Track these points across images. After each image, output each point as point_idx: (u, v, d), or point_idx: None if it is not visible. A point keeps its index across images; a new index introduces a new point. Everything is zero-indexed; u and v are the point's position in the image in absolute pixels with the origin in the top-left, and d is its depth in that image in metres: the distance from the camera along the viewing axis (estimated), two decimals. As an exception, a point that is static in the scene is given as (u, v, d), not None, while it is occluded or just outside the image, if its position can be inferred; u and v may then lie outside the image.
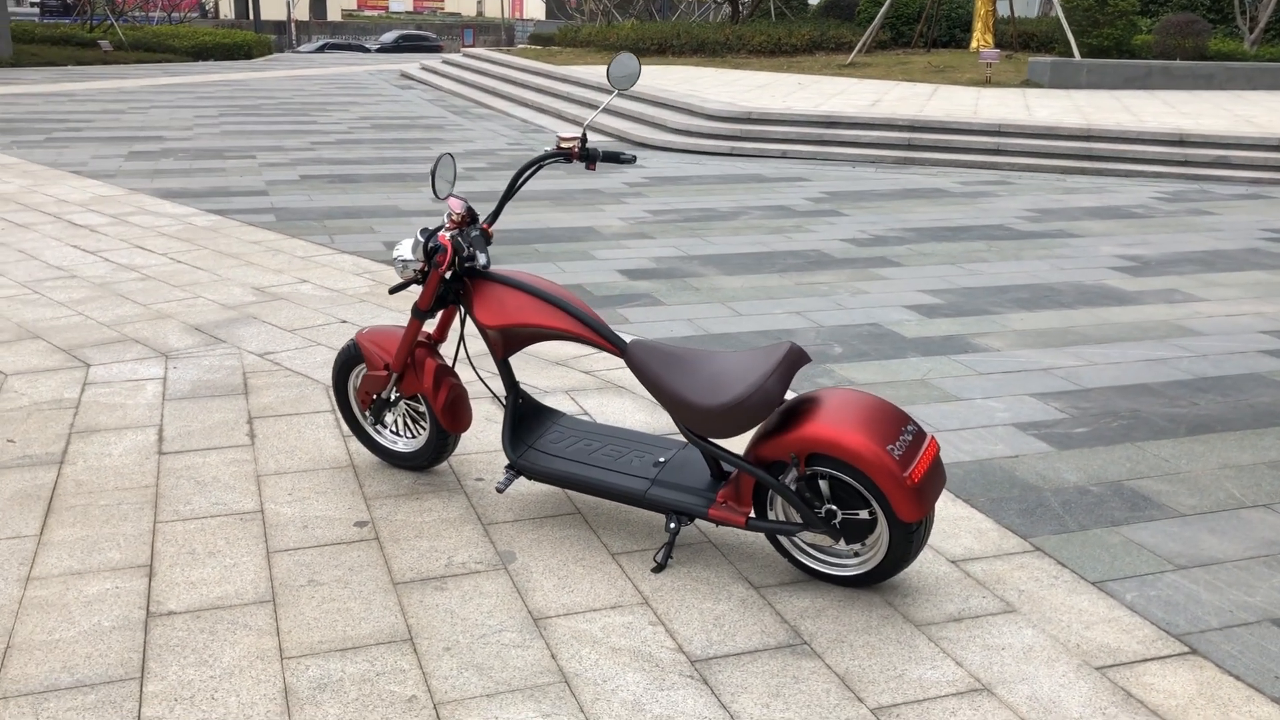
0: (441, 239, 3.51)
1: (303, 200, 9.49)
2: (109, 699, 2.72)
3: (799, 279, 7.14)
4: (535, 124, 15.94)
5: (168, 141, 13.18)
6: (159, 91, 20.18)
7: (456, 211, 3.53)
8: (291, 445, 4.29)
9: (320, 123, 15.62)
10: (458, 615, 3.14)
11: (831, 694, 2.82)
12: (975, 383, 5.20)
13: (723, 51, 23.46)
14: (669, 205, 9.69)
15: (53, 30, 30.16)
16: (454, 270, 3.60)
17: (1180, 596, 3.34)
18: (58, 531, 3.56)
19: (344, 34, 59.86)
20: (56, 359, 5.22)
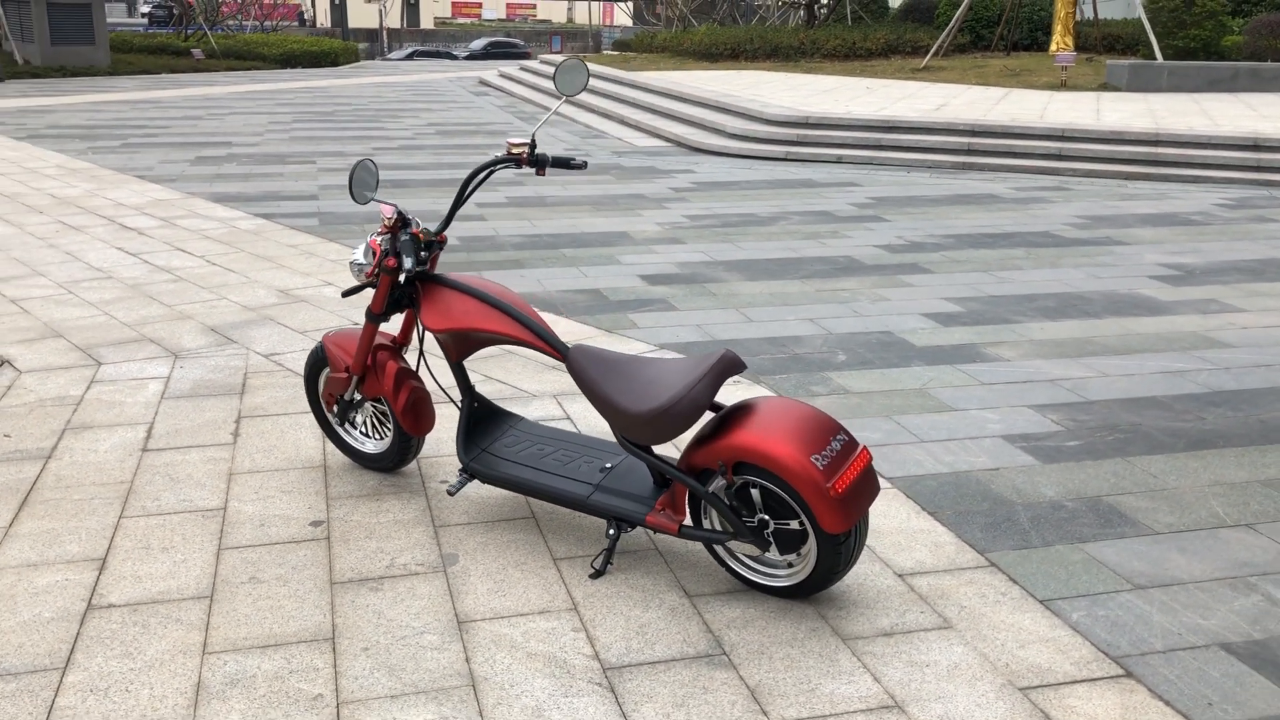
0: (372, 243, 3.56)
1: (349, 206, 9.68)
2: (27, 688, 2.81)
3: (821, 285, 7.06)
4: (597, 129, 16.03)
5: (235, 147, 13.55)
6: (240, 98, 20.76)
7: (386, 216, 3.57)
8: (271, 445, 4.38)
9: (388, 129, 15.91)
10: (385, 616, 3.17)
11: (738, 705, 2.79)
12: (975, 393, 5.09)
13: (796, 56, 23.31)
14: (709, 210, 9.66)
15: (150, 40, 31.23)
16: (405, 275, 3.64)
17: (1130, 617, 3.23)
18: (26, 524, 3.69)
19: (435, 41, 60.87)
20: (71, 357, 5.40)
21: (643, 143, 14.56)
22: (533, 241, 8.26)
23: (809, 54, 23.30)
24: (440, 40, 61.35)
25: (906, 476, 4.18)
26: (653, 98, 17.46)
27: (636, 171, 11.99)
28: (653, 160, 12.89)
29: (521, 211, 9.48)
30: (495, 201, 9.97)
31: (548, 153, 3.79)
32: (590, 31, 64.69)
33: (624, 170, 12.06)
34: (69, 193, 10.08)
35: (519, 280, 7.05)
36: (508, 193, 10.46)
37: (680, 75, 20.06)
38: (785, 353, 5.65)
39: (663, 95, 17.57)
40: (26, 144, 13.53)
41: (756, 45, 23.59)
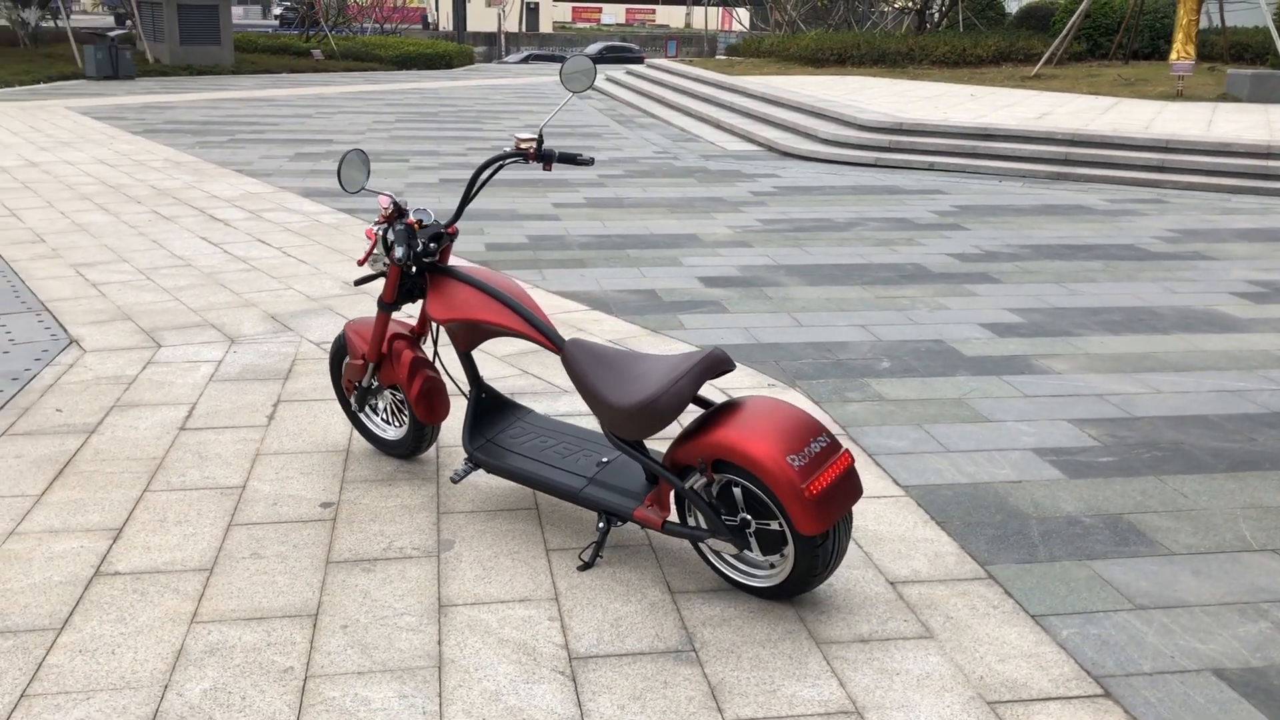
0: (368, 233, 3.65)
1: (430, 202, 9.89)
2: (23, 645, 2.96)
3: (882, 292, 6.97)
4: (692, 133, 16.06)
5: (335, 145, 13.95)
6: (350, 98, 21.35)
7: (383, 206, 3.65)
8: (302, 429, 4.51)
9: (486, 130, 16.19)
10: (371, 596, 3.25)
11: (694, 702, 2.79)
12: (1014, 405, 4.98)
13: (903, 63, 22.98)
14: (785, 215, 9.61)
15: (274, 40, 32.32)
16: (416, 265, 3.72)
17: (1123, 637, 3.13)
18: (57, 492, 3.88)
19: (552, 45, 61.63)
20: (135, 339, 5.65)
21: (734, 146, 14.53)
22: (600, 241, 8.33)
23: (917, 60, 22.94)
24: (557, 44, 62.09)
25: (922, 485, 4.11)
26: (749, 102, 17.42)
27: (720, 175, 11.98)
28: (740, 164, 12.86)
29: (596, 212, 9.56)
30: (573, 202, 10.07)
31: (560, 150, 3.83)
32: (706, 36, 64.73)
33: (708, 174, 12.06)
34: (169, 184, 10.51)
35: (578, 279, 7.13)
36: (587, 194, 10.56)
37: (781, 80, 19.97)
38: (828, 358, 5.60)
39: (759, 99, 17.52)
40: (142, 138, 14.14)
41: (864, 51, 23.32)
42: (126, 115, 16.99)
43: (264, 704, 2.74)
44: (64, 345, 5.53)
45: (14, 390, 4.87)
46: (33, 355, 5.36)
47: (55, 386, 4.94)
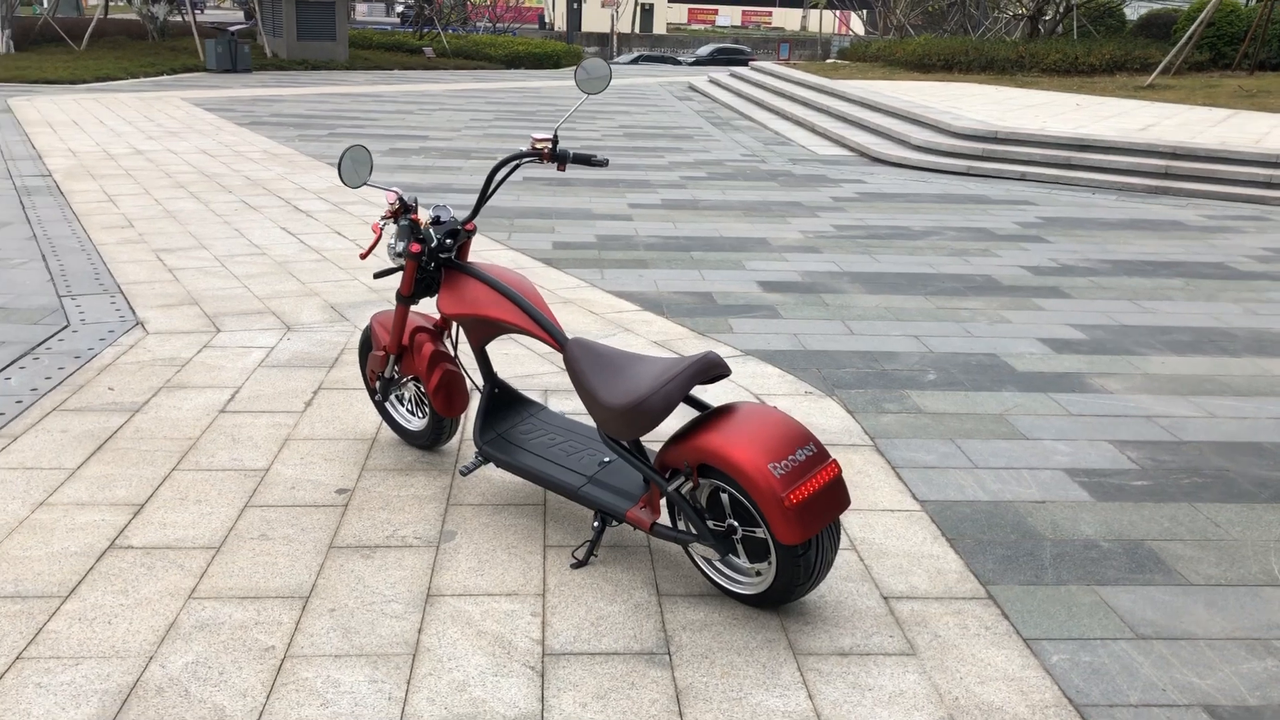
0: (374, 227, 3.72)
1: (509, 200, 10.03)
2: (28, 610, 3.11)
3: (944, 303, 6.85)
4: (786, 136, 15.96)
5: (429, 141, 14.23)
6: (454, 95, 21.75)
7: (389, 201, 3.73)
8: (336, 416, 4.63)
9: (580, 129, 16.33)
10: (364, 583, 3.33)
11: (656, 704, 2.80)
12: (1057, 423, 4.85)
13: (1012, 70, 22.48)
14: (860, 221, 9.50)
15: (389, 37, 33.08)
16: (432, 260, 3.79)
17: (1116, 667, 3.04)
18: (92, 467, 4.05)
19: (664, 46, 61.81)
20: (197, 324, 5.86)
21: (825, 151, 14.40)
22: (667, 243, 8.35)
23: (1026, 68, 22.41)
24: (669, 46, 62.24)
25: (940, 501, 4.04)
26: (846, 106, 17.24)
27: (804, 179, 11.89)
28: (827, 169, 12.74)
29: (670, 214, 9.58)
30: (649, 203, 10.11)
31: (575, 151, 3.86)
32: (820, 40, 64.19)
33: (792, 178, 11.98)
34: (262, 175, 10.85)
35: (636, 279, 7.16)
36: (665, 195, 10.59)
37: (883, 85, 19.71)
38: (873, 368, 5.53)
39: (856, 104, 17.33)
40: (246, 129, 14.62)
41: (971, 57, 22.88)
42: (236, 107, 17.58)
43: (239, 680, 2.83)
44: (130, 326, 5.76)
45: (74, 368, 5.09)
46: (98, 335, 5.60)
47: (113, 366, 5.15)
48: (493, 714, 2.73)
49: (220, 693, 2.77)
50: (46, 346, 5.40)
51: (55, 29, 27.04)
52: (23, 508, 3.72)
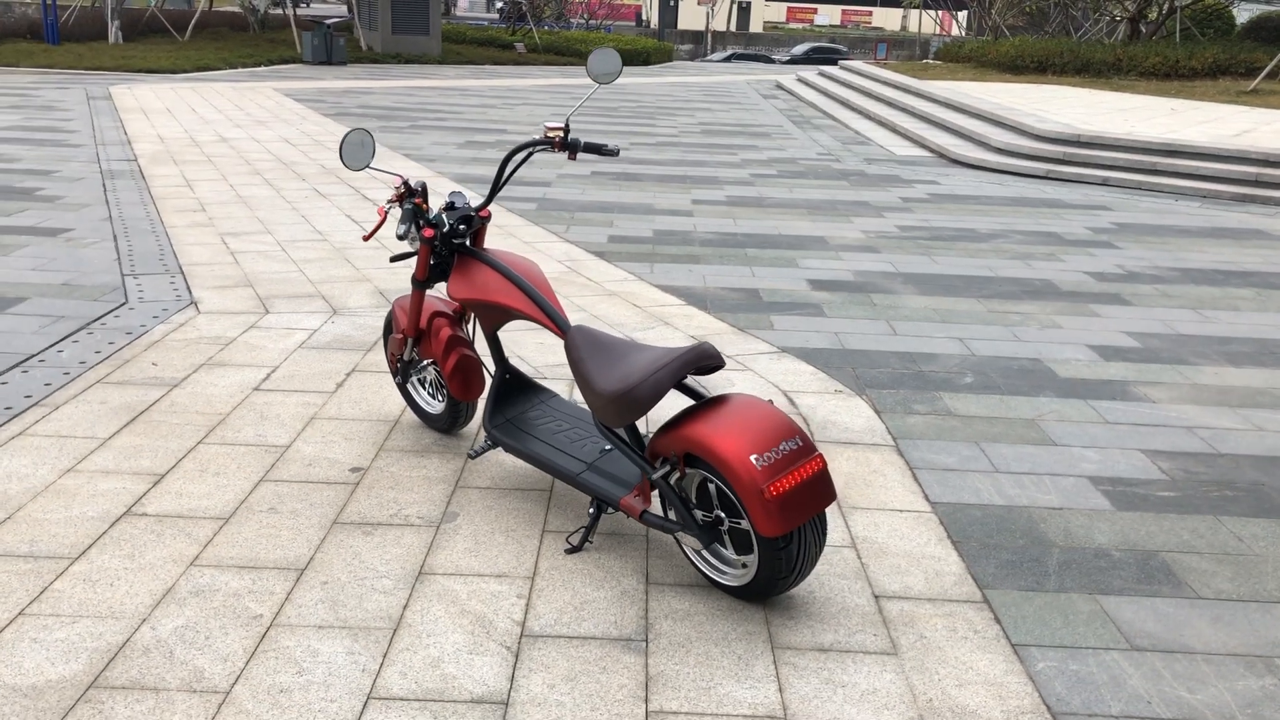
0: (379, 210, 3.78)
1: (574, 194, 10.10)
2: (37, 569, 3.24)
3: (997, 306, 6.73)
4: (866, 136, 15.80)
5: (506, 134, 14.39)
6: (539, 90, 21.95)
7: (395, 186, 3.79)
8: (364, 397, 4.73)
9: (657, 125, 16.36)
10: (360, 558, 3.40)
11: (625, 689, 2.81)
12: (1091, 430, 4.74)
13: (1108, 73, 21.91)
14: (925, 223, 9.37)
15: (482, 33, 33.53)
16: (447, 245, 3.85)
17: (1103, 677, 2.97)
18: (122, 438, 4.20)
19: (759, 45, 61.54)
20: (248, 305, 6.03)
21: (903, 151, 14.22)
22: (723, 239, 8.33)
23: (1124, 71, 21.82)
24: (764, 44, 61.95)
25: (953, 503, 3.98)
26: (929, 106, 17.00)
27: (877, 179, 11.76)
28: (902, 170, 12.58)
29: (732, 210, 9.56)
30: (713, 199, 10.10)
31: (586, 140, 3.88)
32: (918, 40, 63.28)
33: (865, 178, 11.86)
34: (336, 164, 11.09)
35: (685, 274, 7.16)
36: (731, 192, 10.57)
37: (971, 86, 19.38)
38: (910, 369, 5.46)
39: (941, 105, 17.07)
40: (330, 120, 14.96)
41: (1066, 59, 22.36)
42: (325, 98, 17.98)
43: (223, 645, 2.92)
44: (184, 306, 5.95)
45: (124, 343, 5.28)
46: (152, 313, 5.79)
47: (161, 343, 5.32)
48: (461, 690, 2.78)
49: (203, 656, 2.86)
50: (102, 322, 5.60)
51: (161, 20, 27.95)
52: (51, 473, 3.87)
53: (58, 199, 8.81)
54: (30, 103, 15.92)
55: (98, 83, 19.51)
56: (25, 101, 16.06)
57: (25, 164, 10.48)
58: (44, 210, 8.35)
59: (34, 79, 20.16)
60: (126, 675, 2.77)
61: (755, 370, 5.30)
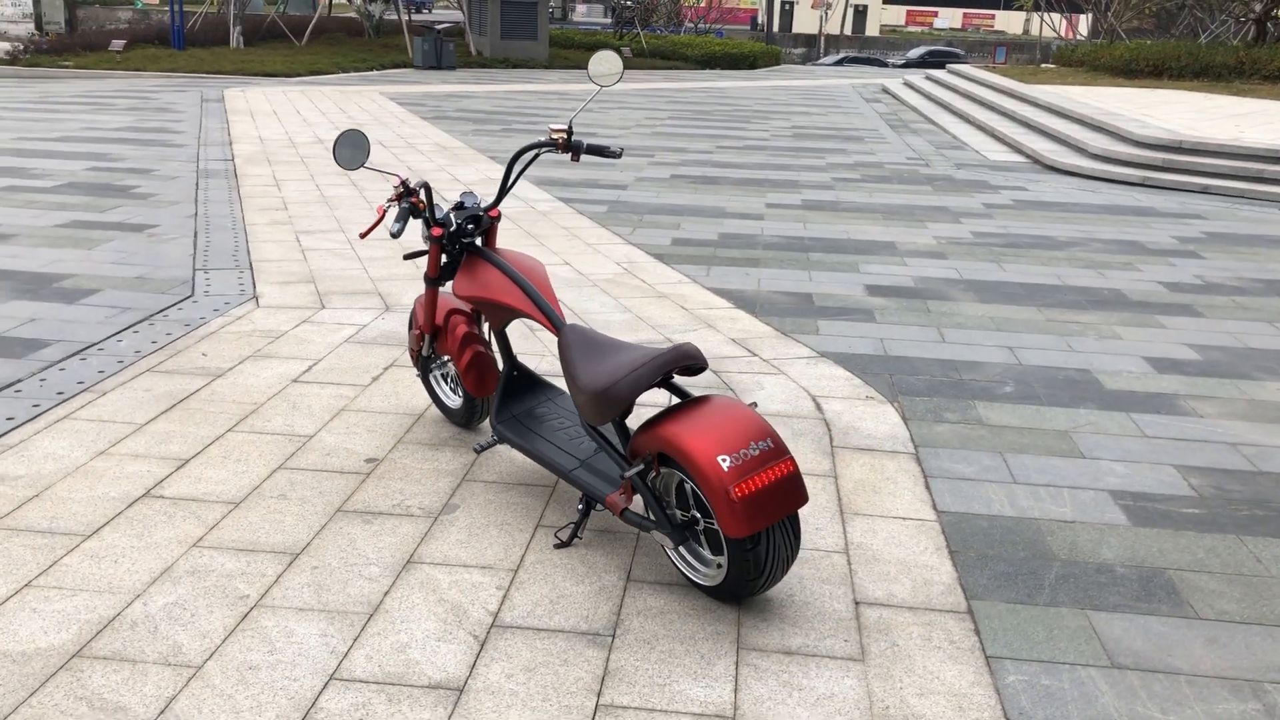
0: (378, 209, 3.88)
1: (647, 197, 10.17)
2: (53, 544, 3.43)
3: (1056, 315, 6.58)
4: (962, 141, 15.53)
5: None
6: (638, 94, 22.09)
7: (395, 185, 3.89)
8: (395, 391, 4.87)
9: (748, 129, 16.34)
10: (355, 546, 3.52)
11: (579, 682, 2.86)
12: (1126, 444, 4.62)
13: (1229, 76, 21.08)
14: (1004, 229, 9.18)
15: (590, 37, 33.85)
16: (455, 244, 3.95)
17: (1075, 693, 2.91)
18: (158, 424, 4.41)
19: (874, 48, 60.78)
20: (306, 300, 6.24)
21: (997, 156, 13.94)
22: (789, 243, 8.30)
23: (1245, 74, 20.97)
24: (879, 48, 61.15)
25: (960, 513, 3.92)
26: (1031, 111, 16.61)
27: (962, 184, 11.55)
28: (991, 175, 12.33)
29: (805, 215, 9.51)
30: (787, 204, 10.06)
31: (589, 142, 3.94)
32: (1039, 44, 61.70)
33: (951, 183, 11.66)
34: (424, 166, 11.36)
35: (741, 278, 7.16)
36: (808, 196, 10.51)
37: (1079, 90, 18.86)
38: (950, 377, 5.38)
39: (1043, 109, 16.67)
40: (427, 123, 15.31)
41: (1184, 63, 21.58)
42: (426, 102, 18.40)
43: (205, 623, 3.05)
44: (245, 300, 6.19)
45: (180, 334, 5.53)
46: (213, 306, 6.04)
47: (215, 334, 5.55)
48: (420, 675, 2.85)
49: (184, 632, 2.99)
50: (165, 314, 5.86)
51: (281, 26, 28.94)
52: (84, 455, 4.09)
53: (150, 196, 9.22)
54: (148, 105, 16.66)
55: (215, 86, 20.30)
56: (143, 104, 16.81)
57: (129, 163, 10.99)
58: (135, 207, 8.76)
59: (157, 82, 21.08)
60: (110, 647, 2.91)
61: (788, 374, 5.28)
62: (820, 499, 3.96)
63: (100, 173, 10.37)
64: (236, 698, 2.73)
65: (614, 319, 6.08)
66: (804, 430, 4.60)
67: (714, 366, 5.35)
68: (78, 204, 8.82)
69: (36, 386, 4.75)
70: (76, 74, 21.78)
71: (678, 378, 4.46)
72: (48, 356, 5.13)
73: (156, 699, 2.71)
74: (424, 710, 2.72)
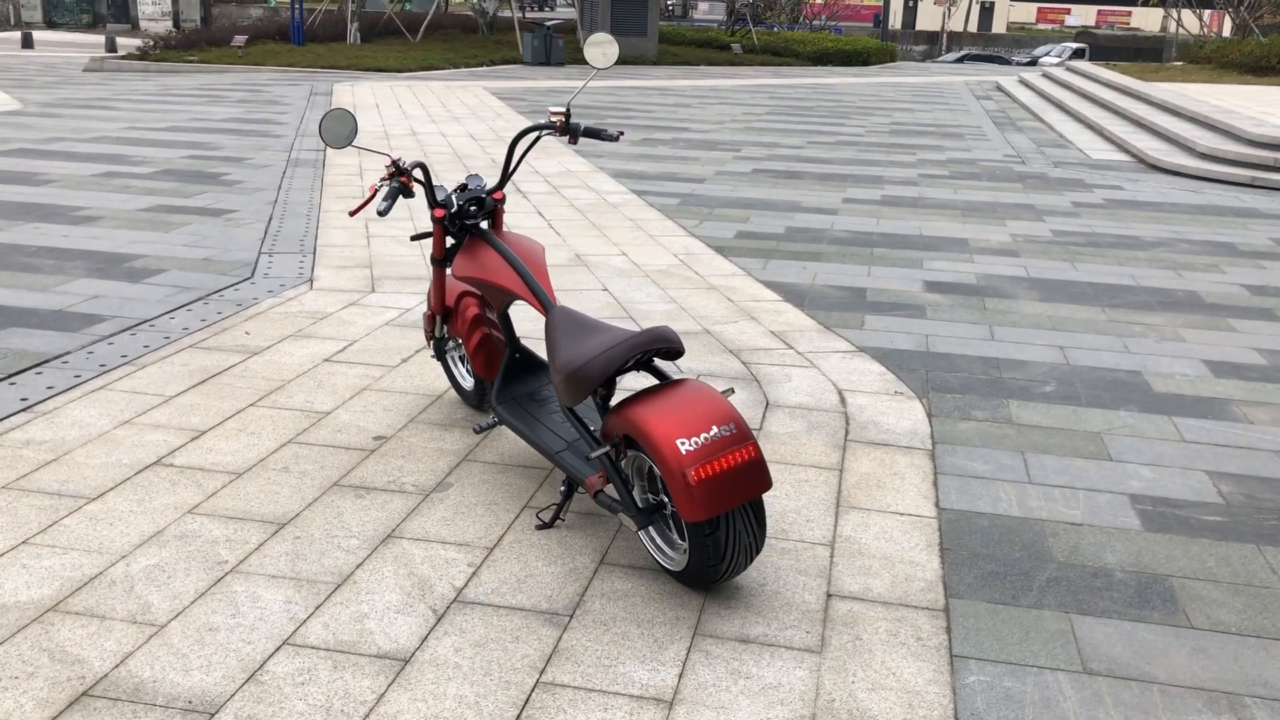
0: (370, 188, 3.94)
1: (724, 190, 10.12)
2: (58, 505, 3.59)
3: (1120, 316, 6.34)
4: (1067, 138, 15.07)
5: (686, 133, 14.53)
6: (742, 90, 21.98)
7: (386, 165, 3.93)
8: (420, 373, 4.95)
9: (845, 125, 16.12)
10: (342, 518, 3.59)
11: (526, 660, 2.87)
12: (1160, 448, 4.43)
13: (1365, 74, 19.96)
14: (1088, 229, 8.88)
15: (701, 34, 33.81)
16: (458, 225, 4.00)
17: (1036, 697, 2.80)
18: (186, 396, 4.57)
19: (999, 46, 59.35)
20: (358, 284, 6.39)
21: (1100, 155, 13.48)
22: (856, 238, 8.17)
23: (1383, 72, 19.84)
24: (1004, 45, 59.68)
25: (962, 511, 3.82)
26: (1144, 109, 16.01)
27: (1056, 183, 11.21)
28: (1089, 173, 11.93)
29: (881, 210, 9.35)
30: (865, 199, 9.90)
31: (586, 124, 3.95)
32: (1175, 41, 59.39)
33: (1044, 181, 11.32)
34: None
35: (798, 271, 7.08)
36: (889, 191, 10.32)
37: (1198, 88, 18.11)
38: (989, 375, 5.24)
39: (1155, 107, 16.05)
40: (521, 118, 15.50)
41: (1317, 60, 20.53)
42: (528, 98, 18.63)
43: (180, 585, 3.15)
44: (301, 282, 6.36)
45: (230, 313, 5.71)
46: (268, 288, 6.22)
47: (263, 314, 5.72)
48: (370, 645, 2.90)
49: (157, 593, 3.10)
50: (221, 294, 6.07)
51: (396, 22, 29.62)
52: (109, 424, 4.26)
53: (237, 184, 9.54)
54: (258, 98, 17.23)
55: (327, 80, 20.89)
56: (254, 97, 17.40)
57: (225, 152, 11.39)
58: (219, 193, 9.07)
59: (273, 76, 21.79)
60: (84, 603, 3.03)
61: (820, 368, 5.20)
62: (818, 491, 3.90)
63: (196, 160, 10.77)
64: (190, 657, 2.81)
65: (656, 309, 6.06)
66: (820, 423, 4.52)
67: (746, 359, 5.30)
68: (167, 189, 9.18)
69: (83, 358, 4.96)
70: (200, 68, 22.65)
71: (660, 362, 4.44)
72: (100, 331, 5.35)
73: (115, 654, 2.81)
74: (366, 678, 2.76)
